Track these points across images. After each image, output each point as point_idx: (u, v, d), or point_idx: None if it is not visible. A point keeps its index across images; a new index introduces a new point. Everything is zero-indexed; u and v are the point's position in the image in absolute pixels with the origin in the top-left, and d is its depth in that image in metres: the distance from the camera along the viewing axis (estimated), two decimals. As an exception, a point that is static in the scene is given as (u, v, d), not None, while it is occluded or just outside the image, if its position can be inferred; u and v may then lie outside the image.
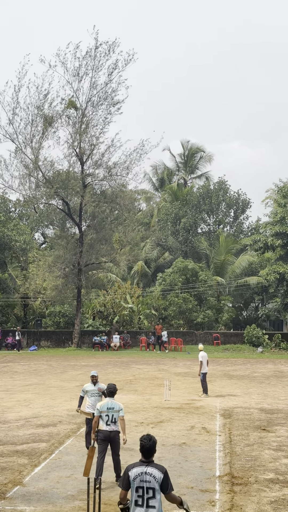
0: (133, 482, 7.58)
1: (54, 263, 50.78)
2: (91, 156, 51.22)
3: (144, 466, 7.64)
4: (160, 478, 7.56)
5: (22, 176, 50.59)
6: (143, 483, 7.55)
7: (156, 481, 7.54)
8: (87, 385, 15.32)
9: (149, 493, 7.52)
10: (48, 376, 32.11)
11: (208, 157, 78.42)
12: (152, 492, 7.52)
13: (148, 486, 7.53)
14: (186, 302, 55.14)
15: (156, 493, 7.53)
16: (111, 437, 12.64)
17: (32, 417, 19.73)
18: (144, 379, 30.26)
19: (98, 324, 56.02)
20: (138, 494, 7.54)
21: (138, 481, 7.56)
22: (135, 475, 7.60)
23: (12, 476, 12.92)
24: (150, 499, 7.51)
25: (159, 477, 7.56)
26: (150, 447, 7.70)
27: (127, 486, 7.63)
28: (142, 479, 7.56)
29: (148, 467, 7.63)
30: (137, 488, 7.55)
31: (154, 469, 7.61)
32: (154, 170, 79.55)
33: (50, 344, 54.36)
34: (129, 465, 7.78)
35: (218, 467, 13.72)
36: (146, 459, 7.70)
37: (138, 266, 64.21)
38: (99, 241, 52.04)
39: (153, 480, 7.54)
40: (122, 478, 7.73)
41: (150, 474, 7.57)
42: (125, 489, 7.68)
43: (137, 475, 7.59)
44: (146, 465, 7.66)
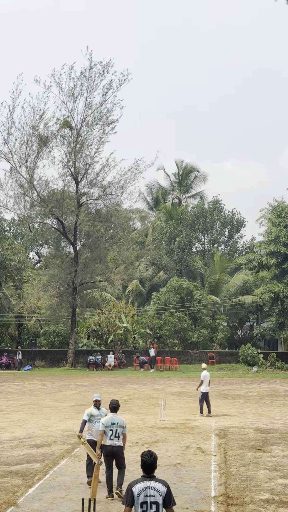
0: (137, 497, 7.67)
1: (49, 282, 50.75)
2: (86, 175, 51.45)
3: (147, 481, 7.76)
4: (164, 492, 7.69)
5: (17, 196, 50.75)
6: (147, 497, 7.66)
7: (160, 495, 7.67)
8: (91, 410, 14.40)
9: (152, 508, 7.65)
10: (43, 396, 31.95)
11: (203, 176, 78.83)
12: (156, 506, 7.65)
13: (152, 501, 7.66)
14: (181, 321, 55.08)
15: (159, 507, 7.67)
16: (114, 451, 13.06)
17: (26, 438, 19.61)
18: (139, 399, 30.14)
19: (92, 343, 55.87)
20: (143, 510, 7.65)
21: (142, 496, 7.67)
22: (139, 490, 7.70)
23: (6, 497, 12.81)
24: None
25: (163, 491, 7.70)
26: (152, 463, 7.83)
27: (131, 502, 7.72)
28: (146, 494, 7.68)
29: (151, 481, 7.75)
30: (141, 504, 7.66)
31: (157, 483, 7.75)
32: (149, 190, 79.88)
33: (44, 364, 54.14)
34: (132, 482, 7.86)
35: (213, 487, 13.64)
36: (148, 474, 7.82)
37: (133, 285, 64.19)
38: (93, 260, 52.08)
39: (157, 494, 7.67)
40: (126, 495, 7.79)
41: (154, 489, 7.70)
42: (130, 506, 7.75)
43: (141, 491, 7.69)
44: (149, 480, 7.78)
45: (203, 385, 24.39)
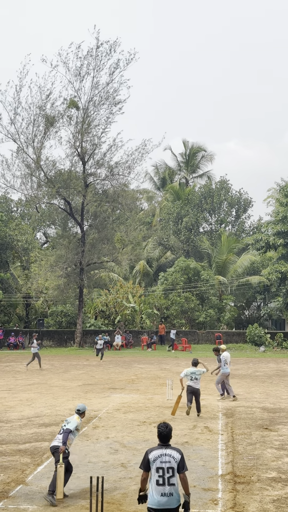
0: (153, 463, 8.36)
1: (56, 263, 50.77)
2: (92, 155, 51.24)
3: (163, 449, 8.49)
4: (178, 458, 8.42)
5: (24, 176, 50.64)
6: (163, 463, 8.35)
7: (175, 461, 8.39)
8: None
9: (169, 473, 8.34)
10: (51, 375, 32.12)
11: (210, 156, 78.46)
12: (172, 471, 8.36)
13: (168, 466, 8.35)
14: (188, 302, 55.14)
15: (175, 472, 8.37)
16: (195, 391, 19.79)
17: (35, 417, 19.75)
18: (146, 379, 30.26)
19: (100, 323, 56.04)
20: (159, 475, 8.32)
21: (158, 462, 8.36)
22: (155, 457, 8.41)
23: (15, 475, 12.94)
24: (171, 478, 8.33)
25: (178, 457, 8.43)
26: (167, 433, 8.58)
27: (147, 467, 8.40)
28: (162, 460, 8.38)
29: (166, 449, 8.49)
30: (157, 469, 8.34)
31: (172, 451, 8.49)
32: (156, 170, 79.60)
33: (52, 344, 54.39)
34: (148, 449, 8.57)
35: (220, 466, 13.73)
36: (164, 443, 8.56)
37: (140, 265, 64.22)
38: (101, 241, 52.04)
39: (173, 460, 8.39)
40: (142, 461, 8.51)
41: (169, 455, 8.42)
42: (146, 470, 8.44)
43: (157, 457, 8.40)
44: (165, 447, 8.51)
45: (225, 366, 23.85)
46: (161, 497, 8.27)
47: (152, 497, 8.34)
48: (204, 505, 11.08)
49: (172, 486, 8.32)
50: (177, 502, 8.36)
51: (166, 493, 8.29)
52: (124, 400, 22.99)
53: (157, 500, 8.28)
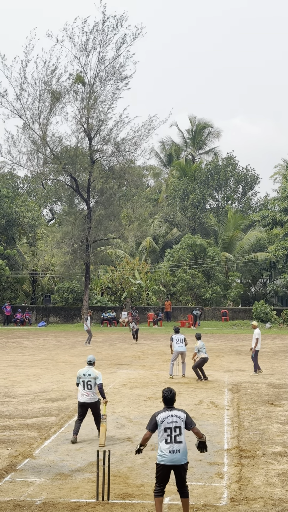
0: (160, 424, 9.11)
1: (63, 239, 50.78)
2: (99, 132, 50.98)
3: (169, 411, 9.27)
4: (184, 417, 9.23)
5: (30, 152, 50.45)
6: (170, 424, 9.11)
7: (181, 420, 9.18)
8: None
9: (176, 431, 9.10)
10: (57, 351, 32.32)
11: (216, 132, 77.89)
12: (179, 430, 9.12)
13: (175, 426, 9.11)
14: (194, 278, 55.18)
15: (182, 430, 9.14)
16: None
17: (42, 392, 19.91)
18: (153, 355, 30.42)
19: (106, 300, 56.19)
20: (167, 434, 9.08)
21: (166, 423, 9.12)
22: (162, 418, 9.16)
23: (22, 448, 13.07)
24: (178, 436, 9.09)
25: (183, 417, 9.24)
26: (171, 397, 9.39)
27: (153, 429, 9.19)
28: (169, 421, 9.13)
29: (172, 410, 9.29)
30: (165, 429, 9.09)
31: (178, 412, 9.30)
32: (162, 146, 79.12)
33: (58, 320, 54.63)
34: (155, 412, 9.36)
35: (226, 440, 13.84)
36: (169, 406, 9.36)
37: (146, 242, 64.20)
38: (107, 217, 51.97)
39: (179, 420, 9.17)
40: (150, 422, 9.27)
41: (175, 416, 9.21)
42: (151, 431, 9.24)
43: (164, 418, 9.16)
44: (170, 409, 9.31)
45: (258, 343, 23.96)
46: (169, 454, 9.02)
47: (161, 454, 9.10)
48: (209, 478, 11.19)
49: (179, 444, 9.06)
50: (184, 459, 9.12)
51: (174, 450, 9.04)
52: (131, 375, 23.14)
53: (166, 457, 9.04)
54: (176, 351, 22.68)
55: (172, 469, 9.11)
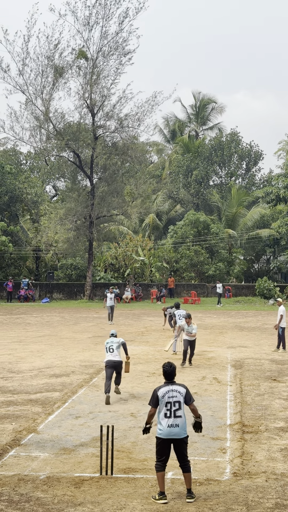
0: (161, 399, 9.21)
1: (66, 216, 50.72)
2: (102, 107, 50.67)
3: (169, 385, 9.36)
4: (184, 392, 9.33)
5: (32, 128, 50.22)
6: (170, 398, 9.22)
7: (181, 395, 9.28)
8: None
9: (175, 406, 9.20)
10: (61, 327, 32.43)
11: (220, 108, 77.31)
12: (179, 405, 9.22)
13: (175, 401, 9.22)
14: (198, 255, 55.17)
15: (181, 405, 9.24)
16: None
17: (45, 367, 20.01)
18: (156, 331, 30.51)
19: (109, 276, 56.25)
20: (167, 408, 9.18)
21: (166, 398, 9.22)
22: (163, 393, 9.26)
23: (26, 423, 13.17)
24: (177, 410, 9.19)
25: (183, 392, 9.34)
26: (171, 372, 9.49)
27: (156, 403, 9.26)
28: (169, 395, 9.23)
29: (173, 385, 9.37)
30: (166, 404, 9.19)
31: (178, 386, 9.39)
32: (166, 122, 78.59)
33: (62, 296, 54.74)
34: (156, 388, 9.45)
35: (229, 416, 13.92)
36: (169, 380, 9.45)
37: (150, 218, 64.10)
38: (110, 194, 51.84)
39: (179, 395, 9.28)
40: (152, 398, 9.33)
41: (175, 391, 9.30)
42: (154, 406, 9.30)
43: (165, 393, 9.25)
44: (171, 384, 9.39)
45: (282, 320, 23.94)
46: (168, 428, 9.12)
47: (160, 428, 9.20)
48: (212, 453, 11.27)
49: (178, 418, 9.16)
50: (183, 433, 9.22)
51: (173, 424, 9.14)
52: (134, 352, 23.20)
53: (164, 430, 9.14)
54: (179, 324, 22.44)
55: (171, 443, 9.20)
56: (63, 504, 8.77)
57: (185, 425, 9.24)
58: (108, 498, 9.03)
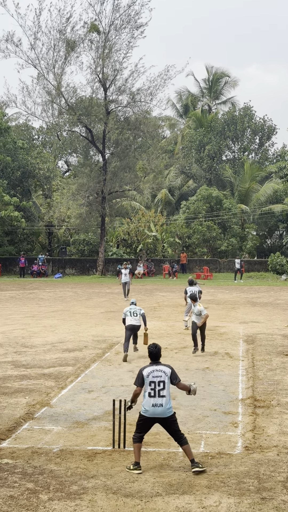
0: (146, 378, 9.30)
1: (78, 191, 50.69)
2: (114, 82, 50.35)
3: (154, 366, 9.46)
4: (169, 373, 9.40)
5: (44, 103, 50.06)
6: (155, 378, 9.29)
7: (166, 375, 9.34)
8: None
9: (160, 386, 9.27)
10: (73, 303, 32.57)
11: (233, 82, 76.50)
12: (163, 384, 9.28)
13: (159, 380, 9.30)
14: (210, 230, 55.05)
15: (166, 385, 9.29)
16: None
17: (58, 342, 20.13)
18: (168, 306, 30.57)
19: (122, 252, 56.31)
20: (151, 388, 9.26)
21: (151, 377, 9.30)
22: (148, 372, 9.36)
23: (39, 397, 13.29)
24: (161, 390, 9.25)
25: (168, 372, 9.40)
26: (156, 352, 9.61)
27: (142, 383, 9.37)
28: (154, 375, 9.32)
29: (158, 366, 9.47)
30: (150, 383, 9.28)
31: (163, 367, 9.47)
32: (179, 97, 77.95)
33: (74, 272, 54.92)
34: (141, 368, 9.57)
35: (241, 390, 13.97)
36: (155, 361, 9.56)
37: (162, 194, 63.92)
38: (122, 169, 51.69)
39: (164, 375, 9.34)
40: (137, 378, 9.47)
41: (160, 371, 9.38)
42: (140, 386, 9.42)
43: (149, 373, 9.35)
44: (155, 364, 9.50)
45: None
46: (152, 407, 9.21)
47: (144, 407, 9.30)
48: (224, 427, 11.34)
49: (162, 398, 9.23)
50: (167, 413, 9.24)
51: (157, 404, 9.21)
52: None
53: (149, 410, 9.24)
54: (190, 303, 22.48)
55: (155, 422, 9.33)
56: (76, 477, 8.87)
57: (169, 404, 9.28)
58: (120, 471, 9.13)
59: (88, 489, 8.41)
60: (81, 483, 8.64)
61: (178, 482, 8.63)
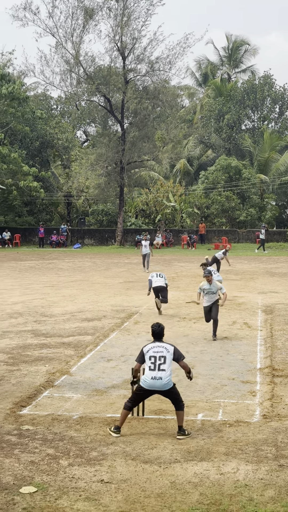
0: (146, 353, 9.44)
1: (97, 161, 50.58)
2: (133, 50, 49.88)
3: (156, 343, 9.58)
4: (172, 350, 9.47)
5: (63, 72, 49.83)
6: (155, 353, 9.40)
7: (167, 351, 9.42)
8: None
9: (161, 360, 9.34)
10: (92, 273, 32.71)
11: (253, 50, 75.47)
12: (164, 359, 9.35)
13: (160, 355, 9.38)
14: (229, 201, 54.82)
15: (167, 360, 9.34)
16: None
17: (77, 312, 20.27)
18: (187, 277, 30.61)
19: (140, 222, 56.29)
20: (151, 362, 9.36)
21: (151, 352, 9.43)
22: (149, 348, 9.50)
23: (59, 366, 13.43)
24: (162, 364, 9.31)
25: (171, 349, 9.48)
26: (160, 331, 9.73)
27: (142, 360, 9.50)
28: (154, 350, 9.43)
29: (160, 342, 9.59)
30: (150, 357, 9.40)
31: (165, 344, 9.58)
32: (198, 65, 77.10)
33: (93, 242, 55.06)
34: (144, 346, 9.69)
35: (259, 360, 14.01)
36: (158, 339, 9.66)
37: (181, 164, 63.60)
38: (141, 139, 51.43)
39: (165, 351, 9.42)
40: (139, 355, 9.61)
41: (162, 346, 9.49)
42: (140, 362, 9.57)
43: (150, 348, 9.49)
44: (158, 342, 9.60)
45: None
46: (151, 380, 9.27)
47: (144, 380, 9.36)
48: (242, 396, 11.41)
49: (162, 371, 9.28)
50: (167, 386, 9.28)
51: (156, 377, 9.26)
52: (165, 296, 23.35)
53: (148, 382, 9.30)
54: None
55: (154, 393, 9.48)
56: (96, 443, 9.00)
57: (169, 378, 9.32)
58: (139, 438, 9.24)
59: (107, 455, 8.53)
60: (101, 449, 8.76)
61: (196, 449, 8.72)
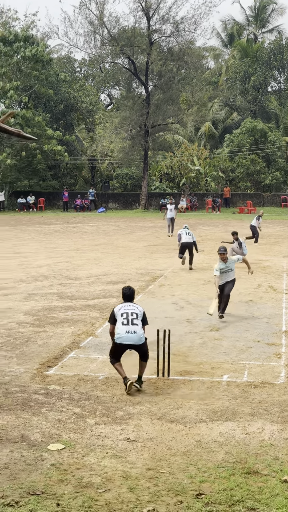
0: (117, 312, 9.71)
1: (121, 125, 50.29)
2: (157, 10, 49.12)
3: (127, 303, 9.92)
4: (141, 312, 9.80)
5: (87, 34, 49.36)
6: (127, 309, 9.74)
7: (139, 310, 9.78)
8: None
9: (133, 316, 9.65)
10: (117, 236, 32.75)
11: (281, 9, 73.80)
12: (136, 315, 9.68)
13: (131, 311, 9.71)
14: (254, 164, 54.30)
15: (138, 316, 9.68)
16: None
17: (102, 275, 20.35)
18: (211, 240, 30.51)
19: (165, 186, 56.06)
20: (124, 317, 9.63)
21: (122, 310, 9.74)
22: (119, 307, 9.80)
23: (85, 328, 13.53)
24: (134, 319, 9.63)
25: (141, 309, 9.86)
26: (130, 294, 10.09)
27: (114, 320, 9.74)
28: (125, 308, 9.77)
29: (130, 303, 9.93)
30: (122, 314, 9.68)
31: (136, 305, 9.94)
32: (223, 25, 75.67)
33: (117, 206, 55.03)
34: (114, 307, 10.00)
35: (284, 323, 14.00)
36: (128, 301, 9.97)
37: (205, 127, 62.94)
38: (166, 102, 50.93)
39: (136, 309, 9.79)
40: (110, 316, 9.92)
41: (133, 305, 9.86)
42: (113, 323, 9.76)
43: (121, 307, 9.80)
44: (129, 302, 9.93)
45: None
46: (125, 334, 9.54)
47: (118, 334, 9.61)
48: (267, 358, 11.42)
49: (135, 326, 9.57)
50: (139, 340, 9.57)
51: (130, 330, 9.54)
52: (189, 260, 23.34)
53: (123, 336, 9.56)
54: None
55: (129, 348, 9.74)
56: (122, 403, 9.08)
57: (142, 334, 9.62)
58: (165, 398, 9.31)
59: (133, 414, 8.62)
60: (127, 409, 8.85)
61: (222, 410, 8.77)
